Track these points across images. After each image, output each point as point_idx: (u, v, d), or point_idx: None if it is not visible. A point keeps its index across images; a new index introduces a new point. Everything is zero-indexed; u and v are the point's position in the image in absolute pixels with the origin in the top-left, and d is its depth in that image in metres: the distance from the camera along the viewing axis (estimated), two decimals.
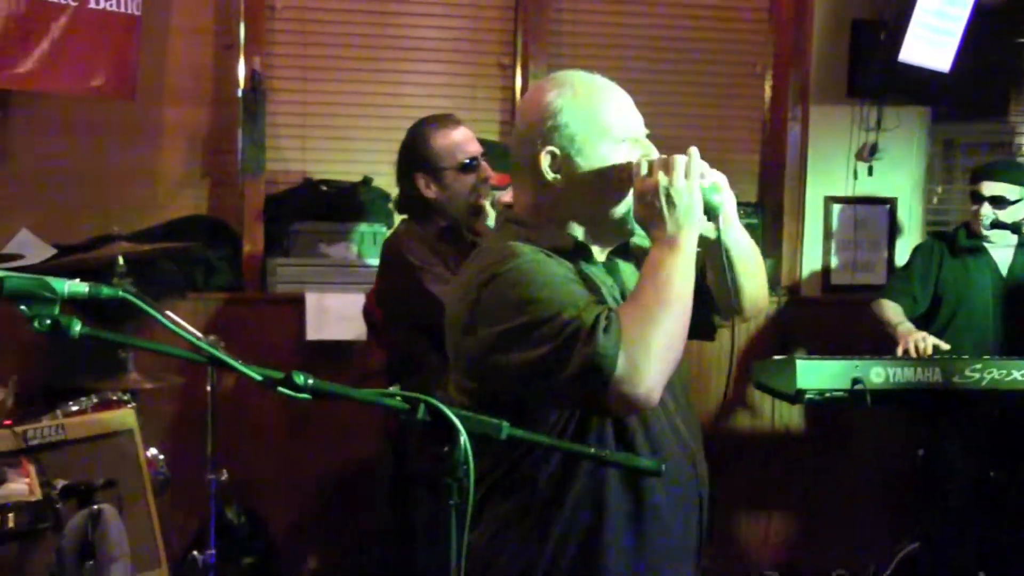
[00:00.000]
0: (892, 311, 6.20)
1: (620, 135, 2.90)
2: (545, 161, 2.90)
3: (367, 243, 6.97)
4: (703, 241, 2.88)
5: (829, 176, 7.64)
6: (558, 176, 2.91)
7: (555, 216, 2.98)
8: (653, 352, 2.60)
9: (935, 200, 7.91)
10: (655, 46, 7.44)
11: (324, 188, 6.96)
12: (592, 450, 2.56)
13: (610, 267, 3.04)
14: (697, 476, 2.99)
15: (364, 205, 6.98)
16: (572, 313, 2.62)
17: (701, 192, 2.78)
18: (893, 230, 7.75)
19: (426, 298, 4.45)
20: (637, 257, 3.07)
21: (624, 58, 7.38)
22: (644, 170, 2.78)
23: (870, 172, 7.65)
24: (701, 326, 3.06)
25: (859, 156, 7.61)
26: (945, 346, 5.88)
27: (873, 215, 7.69)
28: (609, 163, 2.90)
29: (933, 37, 6.99)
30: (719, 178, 2.83)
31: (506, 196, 4.36)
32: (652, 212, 2.76)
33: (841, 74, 7.58)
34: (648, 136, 3.00)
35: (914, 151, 7.78)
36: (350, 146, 7.13)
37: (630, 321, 2.62)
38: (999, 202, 6.04)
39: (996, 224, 6.05)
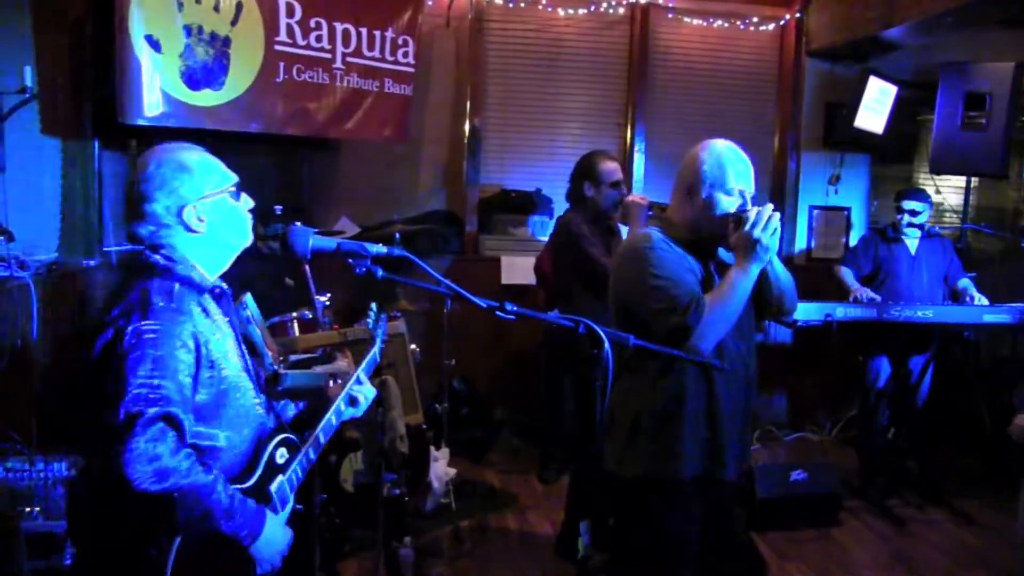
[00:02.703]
0: (846, 274, 6.22)
1: (733, 189, 3.02)
2: (685, 189, 3.08)
3: (538, 227, 7.12)
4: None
5: (812, 194, 7.76)
6: (694, 201, 3.06)
7: (686, 221, 3.09)
8: (714, 330, 2.85)
9: (873, 209, 7.90)
10: (709, 113, 7.47)
11: (513, 195, 7.13)
12: (682, 354, 2.71)
13: (707, 257, 3.13)
14: (748, 379, 3.14)
15: (536, 205, 7.14)
16: (677, 293, 2.87)
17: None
18: (848, 226, 7.83)
19: (582, 253, 4.60)
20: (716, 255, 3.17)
21: (690, 121, 7.45)
22: (747, 225, 2.89)
23: (836, 192, 7.74)
24: (756, 310, 3.20)
25: (830, 182, 7.71)
26: (877, 297, 5.91)
27: (837, 217, 7.80)
28: (721, 206, 3.01)
29: (873, 113, 7.08)
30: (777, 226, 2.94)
31: (629, 198, 4.53)
32: (739, 250, 2.94)
33: (819, 133, 7.70)
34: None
35: (861, 180, 7.87)
36: (528, 170, 7.26)
37: (708, 308, 2.84)
38: (913, 213, 6.07)
39: (911, 225, 6.08)
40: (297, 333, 4.96)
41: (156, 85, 4.87)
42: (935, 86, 6.44)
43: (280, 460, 2.56)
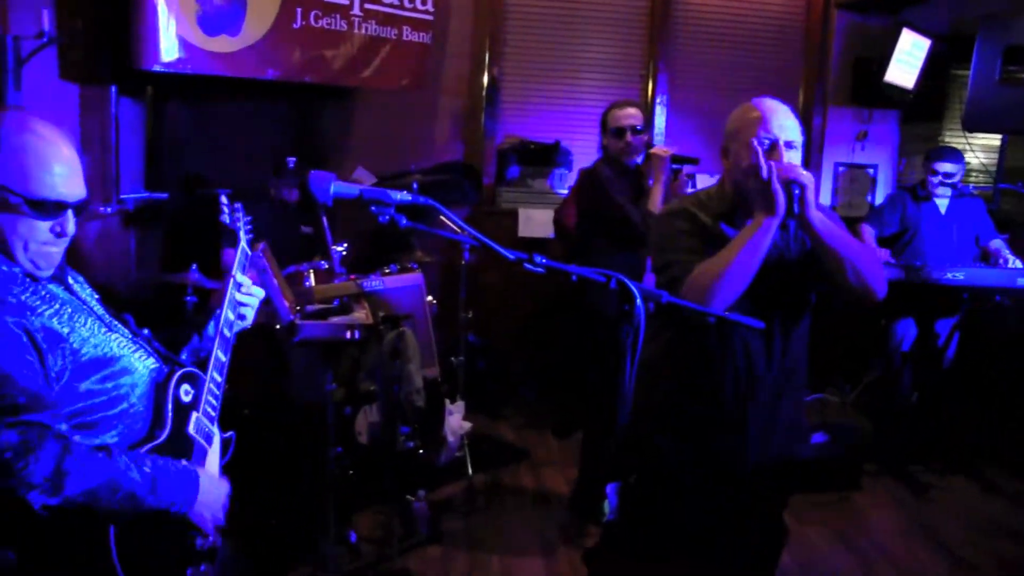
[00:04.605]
0: (866, 232, 6.14)
1: (763, 139, 2.78)
2: (722, 154, 2.96)
3: (556, 179, 7.16)
4: (803, 224, 2.81)
5: (838, 150, 7.73)
6: (726, 164, 2.94)
7: (726, 190, 2.96)
8: (706, 290, 2.68)
9: (901, 168, 7.84)
10: (732, 65, 7.44)
11: (532, 146, 7.14)
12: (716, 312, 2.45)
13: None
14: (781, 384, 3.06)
15: (554, 157, 7.14)
16: (675, 257, 2.82)
17: (786, 189, 2.71)
18: (874, 184, 7.81)
19: (604, 195, 4.72)
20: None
21: (713, 74, 7.44)
22: (761, 172, 2.71)
23: (863, 149, 7.71)
24: (835, 295, 3.03)
25: (857, 138, 7.68)
26: (892, 261, 5.86)
27: (863, 175, 7.78)
28: (741, 164, 2.82)
29: (905, 67, 7.09)
30: (806, 180, 2.73)
31: (652, 150, 4.78)
32: (750, 202, 2.79)
33: (848, 88, 7.66)
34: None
35: (889, 138, 7.84)
36: (548, 121, 7.25)
37: (701, 269, 2.74)
38: (947, 175, 5.99)
39: (943, 184, 5.99)
40: (313, 283, 4.98)
41: (172, 30, 4.87)
42: (970, 40, 6.24)
43: (187, 398, 2.44)
